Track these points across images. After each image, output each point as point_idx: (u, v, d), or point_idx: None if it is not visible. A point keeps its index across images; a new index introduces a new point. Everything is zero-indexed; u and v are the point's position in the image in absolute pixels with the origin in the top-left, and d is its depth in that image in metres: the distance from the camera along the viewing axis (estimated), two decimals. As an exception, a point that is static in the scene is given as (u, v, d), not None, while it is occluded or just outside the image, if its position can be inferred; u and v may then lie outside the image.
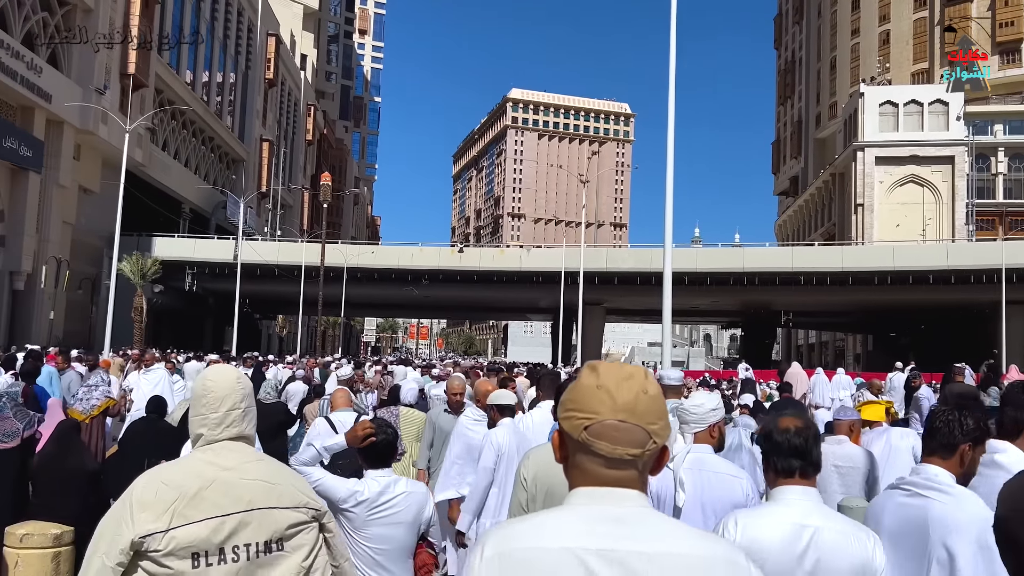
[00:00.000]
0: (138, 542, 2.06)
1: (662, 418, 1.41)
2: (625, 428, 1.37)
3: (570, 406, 1.42)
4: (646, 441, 1.38)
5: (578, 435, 1.39)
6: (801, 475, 2.34)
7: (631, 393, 1.38)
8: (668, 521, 1.40)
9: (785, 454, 2.35)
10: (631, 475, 1.38)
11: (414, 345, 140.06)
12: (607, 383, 1.39)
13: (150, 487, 2.14)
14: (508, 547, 1.35)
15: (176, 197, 54.99)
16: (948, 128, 65.09)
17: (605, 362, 1.49)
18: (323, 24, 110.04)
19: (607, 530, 1.32)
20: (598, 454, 1.38)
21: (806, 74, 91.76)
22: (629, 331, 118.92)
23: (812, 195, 79.56)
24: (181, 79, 54.62)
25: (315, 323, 65.72)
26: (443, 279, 50.87)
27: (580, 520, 1.35)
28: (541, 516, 1.41)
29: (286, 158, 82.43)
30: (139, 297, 41.79)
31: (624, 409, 1.37)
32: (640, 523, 1.34)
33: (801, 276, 43.06)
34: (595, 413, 1.38)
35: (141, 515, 2.07)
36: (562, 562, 1.30)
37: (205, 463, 2.19)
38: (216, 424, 2.24)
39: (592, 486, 1.39)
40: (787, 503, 2.29)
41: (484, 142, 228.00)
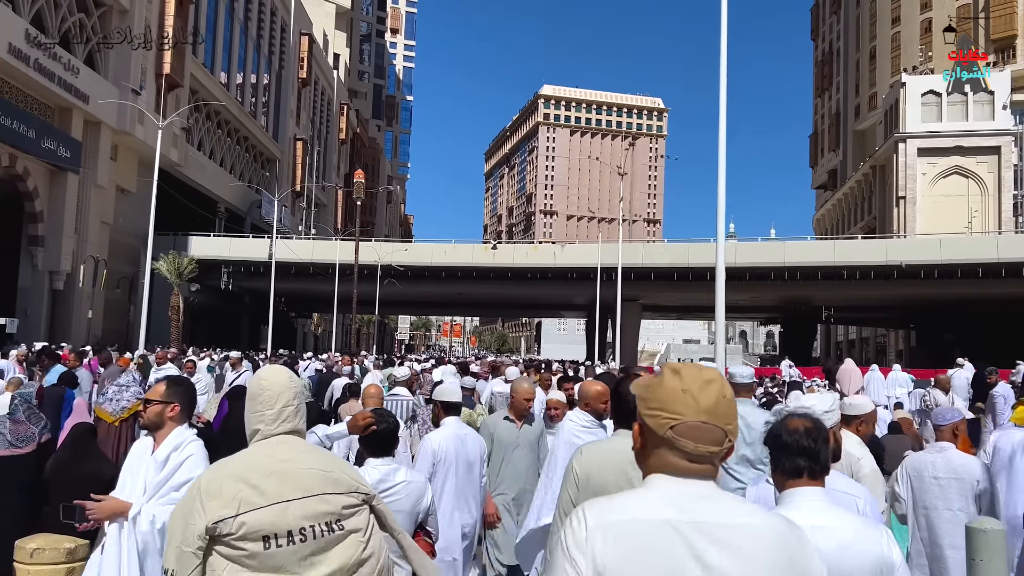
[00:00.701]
0: (212, 527, 2.25)
1: (736, 419, 1.64)
2: (707, 428, 1.59)
3: (655, 405, 1.63)
4: (723, 440, 1.61)
5: (663, 432, 1.61)
6: (809, 476, 2.31)
7: (712, 397, 1.60)
8: (741, 500, 1.65)
9: (793, 454, 2.32)
10: (708, 468, 1.61)
11: (447, 343, 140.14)
12: (691, 387, 1.61)
13: (216, 479, 2.34)
14: (611, 519, 1.55)
15: (212, 196, 55.40)
16: (994, 117, 63.12)
17: (686, 366, 1.66)
18: (355, 23, 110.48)
19: (693, 506, 1.55)
20: (683, 450, 1.59)
21: (844, 65, 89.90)
22: (663, 328, 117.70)
23: (851, 188, 77.84)
24: (216, 79, 54.96)
25: (350, 321, 65.87)
26: (476, 276, 50.52)
27: (668, 498, 1.57)
28: (632, 494, 1.62)
29: (319, 157, 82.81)
30: (176, 296, 42.09)
31: (706, 411, 1.59)
32: (719, 500, 1.58)
33: (844, 270, 41.84)
34: (680, 415, 1.60)
35: (211, 503, 2.27)
36: (662, 531, 1.52)
37: (263, 456, 2.39)
38: (272, 420, 2.45)
39: (673, 475, 1.60)
40: (795, 505, 2.25)
41: (516, 139, 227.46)
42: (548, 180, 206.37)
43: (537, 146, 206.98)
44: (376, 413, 3.60)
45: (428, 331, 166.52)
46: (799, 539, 1.60)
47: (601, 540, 1.53)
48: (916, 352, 62.98)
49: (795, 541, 1.59)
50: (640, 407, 1.68)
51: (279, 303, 53.32)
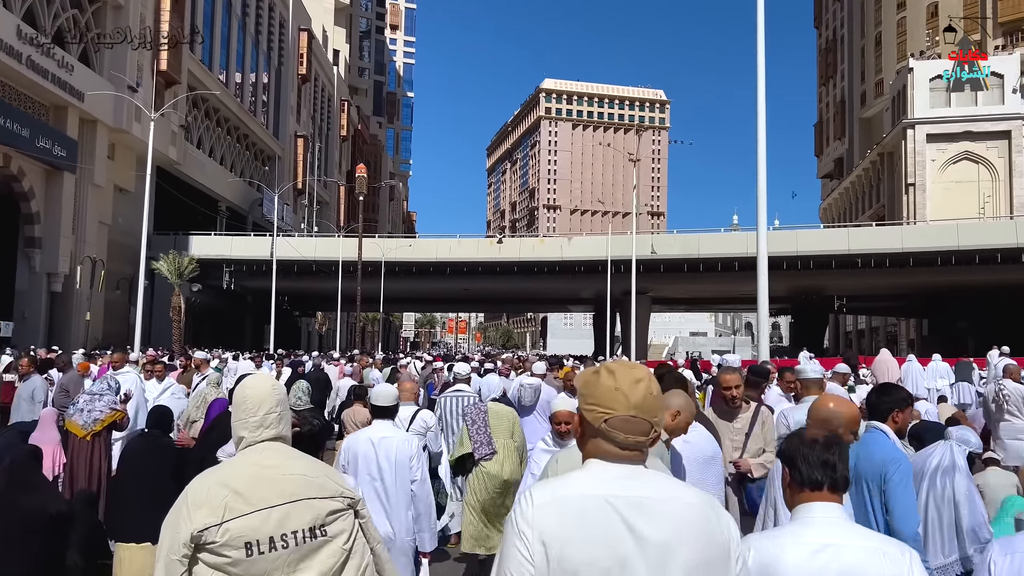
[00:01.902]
0: (197, 535, 2.27)
1: (661, 411, 1.88)
2: (635, 421, 1.83)
3: (592, 401, 1.86)
4: (650, 430, 1.85)
5: (599, 425, 1.84)
6: (831, 490, 2.21)
7: (640, 394, 1.84)
8: (668, 478, 1.89)
9: (813, 468, 2.23)
10: (637, 454, 1.85)
11: (453, 339, 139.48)
12: (623, 386, 1.84)
13: (202, 487, 2.36)
14: (554, 495, 1.77)
15: (212, 195, 54.69)
16: (1004, 101, 62.16)
17: (620, 366, 1.89)
18: (355, 19, 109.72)
19: (626, 483, 1.79)
20: (614, 440, 1.83)
21: (849, 52, 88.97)
22: (670, 321, 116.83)
23: (859, 176, 76.91)
24: (214, 76, 54.21)
25: (354, 319, 65.17)
26: (482, 271, 49.76)
27: (603, 477, 1.80)
28: (572, 475, 1.85)
29: (321, 154, 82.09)
30: (177, 296, 41.38)
31: (635, 407, 1.83)
32: (648, 479, 1.82)
33: (858, 258, 40.95)
34: (613, 410, 1.83)
35: (197, 512, 2.29)
36: (598, 505, 1.74)
37: (249, 463, 2.42)
38: (256, 427, 2.48)
39: (607, 460, 1.84)
40: (808, 521, 2.17)
41: (518, 134, 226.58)
42: (551, 174, 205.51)
43: (539, 140, 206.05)
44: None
45: (433, 328, 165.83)
46: (717, 513, 1.82)
47: (544, 515, 1.74)
48: (928, 341, 62.05)
49: (714, 514, 1.81)
50: (580, 402, 1.92)
51: (282, 302, 52.61)
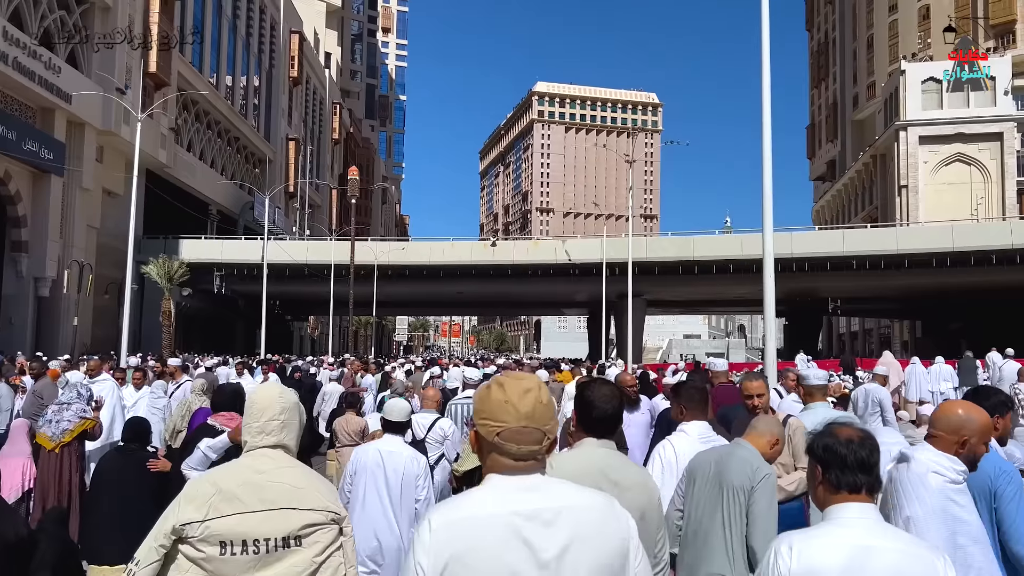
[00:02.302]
0: (179, 528, 2.38)
1: (553, 418, 1.89)
2: (527, 432, 1.84)
3: (484, 415, 1.87)
4: (542, 439, 1.86)
5: (492, 438, 1.85)
6: (868, 492, 2.17)
7: (530, 405, 1.85)
8: (564, 484, 1.87)
9: (852, 469, 2.17)
10: (532, 463, 1.85)
11: (446, 343, 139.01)
12: (512, 398, 1.85)
13: (198, 484, 2.48)
14: (450, 518, 1.76)
15: (203, 199, 54.23)
16: (995, 103, 62.29)
17: (509, 378, 1.92)
18: (346, 22, 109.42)
19: (521, 496, 1.78)
20: (508, 452, 1.83)
21: (841, 55, 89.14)
22: (664, 323, 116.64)
23: (851, 178, 77.00)
24: (204, 78, 53.77)
25: (347, 323, 64.73)
26: (476, 274, 49.44)
27: (500, 493, 1.80)
28: (470, 493, 1.85)
29: (313, 157, 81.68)
30: (167, 301, 40.93)
31: (526, 417, 1.84)
32: (543, 488, 1.82)
33: (853, 260, 40.82)
34: (504, 422, 1.84)
35: (186, 507, 2.40)
36: (492, 523, 1.74)
37: (243, 467, 2.51)
38: (257, 432, 2.56)
39: (504, 472, 1.84)
40: (844, 523, 2.12)
41: (510, 137, 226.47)
42: (544, 177, 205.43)
43: (532, 143, 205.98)
44: None
45: (426, 332, 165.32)
46: (615, 514, 1.85)
47: (440, 539, 1.74)
48: (921, 343, 62.05)
49: (612, 515, 1.84)
50: (474, 417, 1.92)
51: (274, 306, 52.15)
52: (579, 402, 2.95)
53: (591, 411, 2.87)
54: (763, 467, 3.22)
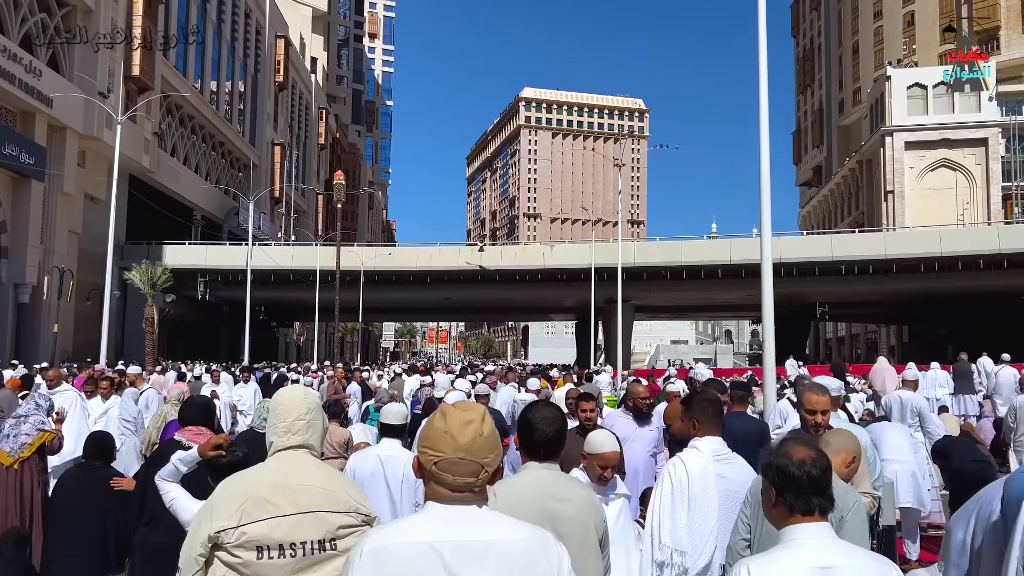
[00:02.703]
0: (214, 536, 2.38)
1: (493, 451, 1.90)
2: (464, 463, 1.85)
3: (425, 444, 1.90)
4: (480, 471, 1.87)
5: (430, 467, 1.88)
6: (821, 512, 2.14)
7: (469, 436, 1.86)
8: (500, 517, 1.88)
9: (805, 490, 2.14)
10: (468, 495, 1.87)
11: (434, 349, 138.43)
12: (452, 429, 1.87)
13: (226, 490, 2.47)
14: (380, 544, 1.81)
15: (187, 204, 53.65)
16: (980, 109, 62.65)
17: (453, 408, 1.93)
18: (333, 27, 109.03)
19: (452, 527, 1.81)
20: (444, 482, 1.86)
21: (826, 61, 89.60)
22: (651, 329, 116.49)
23: (838, 184, 77.29)
24: (188, 82, 53.24)
25: (333, 330, 64.23)
26: (463, 280, 49.11)
27: (433, 521, 1.83)
28: (405, 520, 1.91)
29: (299, 163, 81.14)
30: (150, 307, 40.33)
31: (463, 449, 1.85)
32: (477, 520, 1.84)
33: (842, 265, 40.80)
34: (442, 452, 1.86)
35: (218, 514, 2.40)
36: (421, 552, 1.77)
37: (271, 470, 2.51)
38: (284, 432, 2.58)
39: (441, 502, 1.87)
40: (800, 544, 2.10)
41: (498, 143, 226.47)
42: (531, 183, 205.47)
43: (519, 149, 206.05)
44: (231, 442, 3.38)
45: (413, 338, 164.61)
46: (546, 549, 1.85)
47: (368, 564, 1.78)
48: (908, 348, 62.22)
49: (542, 551, 1.85)
50: (417, 444, 1.94)
51: (259, 312, 51.60)
52: (521, 425, 2.94)
53: (532, 434, 2.87)
54: (849, 492, 3.01)
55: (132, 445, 7.41)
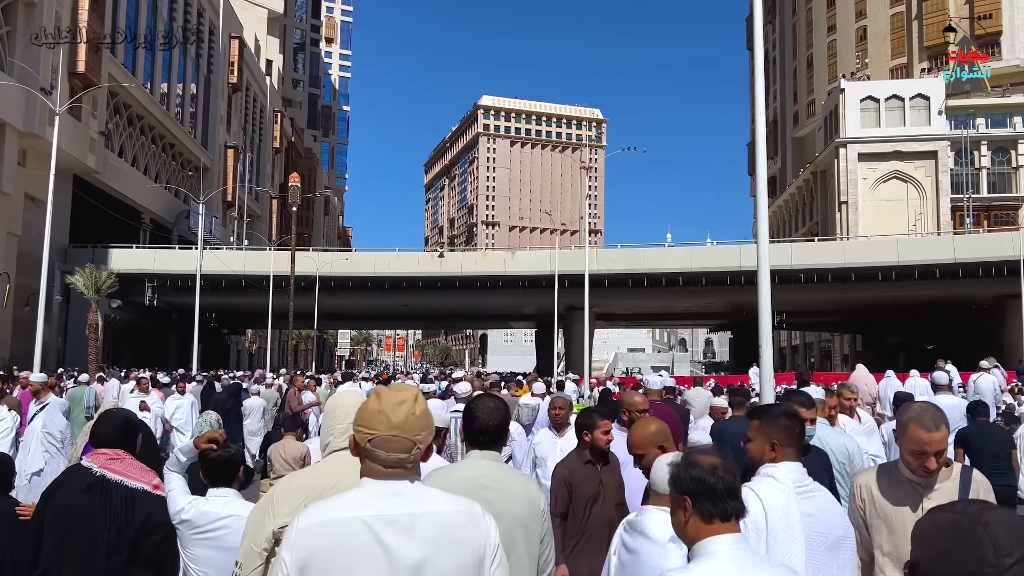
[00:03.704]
0: (277, 532, 2.41)
1: (425, 428, 2.02)
2: (396, 440, 1.97)
3: (360, 423, 2.02)
4: (412, 448, 1.99)
5: (364, 445, 1.99)
6: (736, 518, 2.10)
7: (402, 415, 1.98)
8: (430, 491, 1.99)
9: (722, 497, 2.08)
10: (401, 471, 1.98)
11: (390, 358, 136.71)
12: (385, 408, 1.99)
13: (287, 487, 2.53)
14: (315, 520, 1.90)
15: (135, 206, 51.82)
16: (930, 123, 64.13)
17: (387, 389, 2.06)
18: (289, 30, 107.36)
19: (384, 501, 1.91)
20: (378, 459, 1.98)
21: (781, 73, 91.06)
22: (609, 337, 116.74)
23: (792, 195, 78.37)
24: (138, 80, 51.50)
25: (287, 337, 62.65)
26: (422, 286, 48.21)
27: (365, 496, 1.93)
28: (340, 496, 1.97)
29: (252, 166, 79.32)
30: (94, 313, 38.63)
31: (397, 427, 1.97)
32: (408, 495, 1.94)
33: (801, 273, 40.98)
34: (376, 430, 1.98)
35: (280, 509, 2.45)
36: (353, 526, 1.86)
37: (329, 468, 2.56)
38: (340, 433, 2.60)
39: (375, 477, 1.97)
40: (719, 556, 2.02)
41: (456, 150, 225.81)
42: (489, 191, 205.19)
43: (478, 156, 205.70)
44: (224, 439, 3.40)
45: (369, 346, 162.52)
46: (474, 521, 1.95)
47: (302, 539, 1.87)
48: (862, 356, 63.05)
49: (471, 523, 1.94)
50: (353, 423, 2.05)
51: (209, 319, 49.99)
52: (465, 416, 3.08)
53: (473, 423, 3.01)
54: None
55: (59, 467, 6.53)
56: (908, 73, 71.48)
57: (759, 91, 8.68)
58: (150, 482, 2.82)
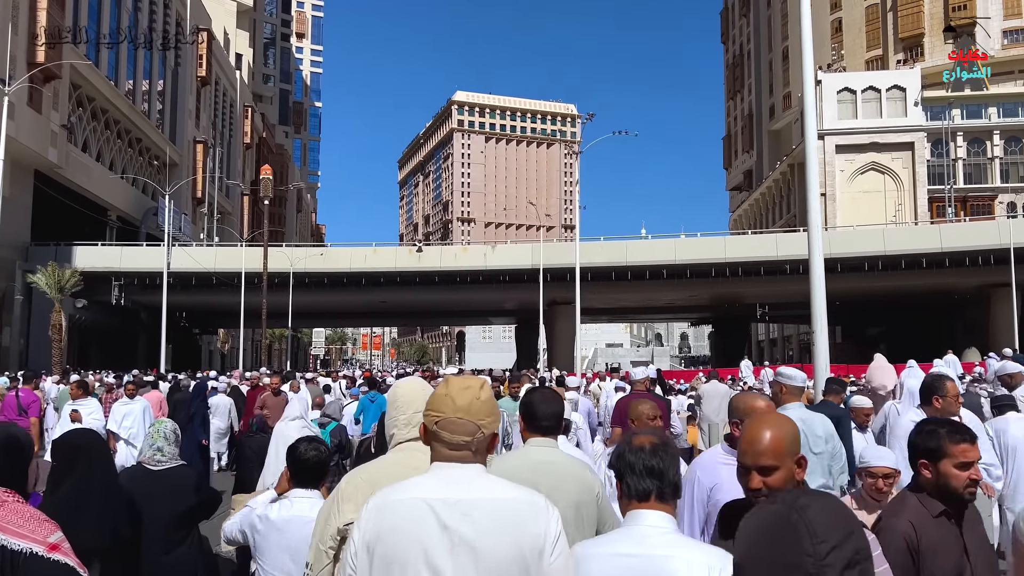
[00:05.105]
0: (343, 529, 2.42)
1: (490, 415, 2.10)
2: (461, 423, 2.06)
3: (429, 407, 2.12)
4: (476, 431, 2.06)
5: (432, 427, 2.09)
6: (658, 498, 2.17)
7: (467, 399, 2.08)
8: (495, 479, 2.06)
9: (639, 475, 2.19)
10: (466, 454, 2.06)
11: (366, 356, 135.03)
12: (452, 392, 2.10)
13: (351, 484, 2.52)
14: (384, 500, 2.01)
15: (100, 203, 49.99)
16: (906, 114, 64.21)
17: (456, 377, 2.17)
18: (258, 24, 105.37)
19: (448, 485, 1.99)
20: (443, 440, 2.07)
21: (756, 66, 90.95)
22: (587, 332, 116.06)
23: (769, 187, 78.14)
24: (102, 73, 49.66)
25: (260, 336, 61.10)
26: (400, 282, 46.99)
27: (431, 480, 2.03)
28: (410, 480, 2.07)
29: (222, 162, 77.42)
30: (57, 313, 37.02)
31: (462, 410, 2.06)
32: (473, 481, 2.02)
33: (787, 264, 40.32)
34: (442, 412, 2.08)
35: (345, 507, 2.45)
36: (417, 507, 1.96)
37: (395, 463, 2.54)
38: (404, 424, 2.61)
39: (441, 461, 2.07)
40: (638, 534, 2.11)
41: (430, 146, 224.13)
42: (464, 187, 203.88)
43: (452, 153, 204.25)
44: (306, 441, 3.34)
45: (344, 344, 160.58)
46: (536, 510, 1.99)
47: (370, 519, 1.99)
48: (841, 348, 62.87)
49: (532, 512, 1.99)
50: (424, 409, 2.16)
51: (179, 318, 48.42)
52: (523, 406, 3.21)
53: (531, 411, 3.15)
54: None
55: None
56: (884, 65, 71.55)
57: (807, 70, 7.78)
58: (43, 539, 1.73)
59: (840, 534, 1.50)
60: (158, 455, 3.78)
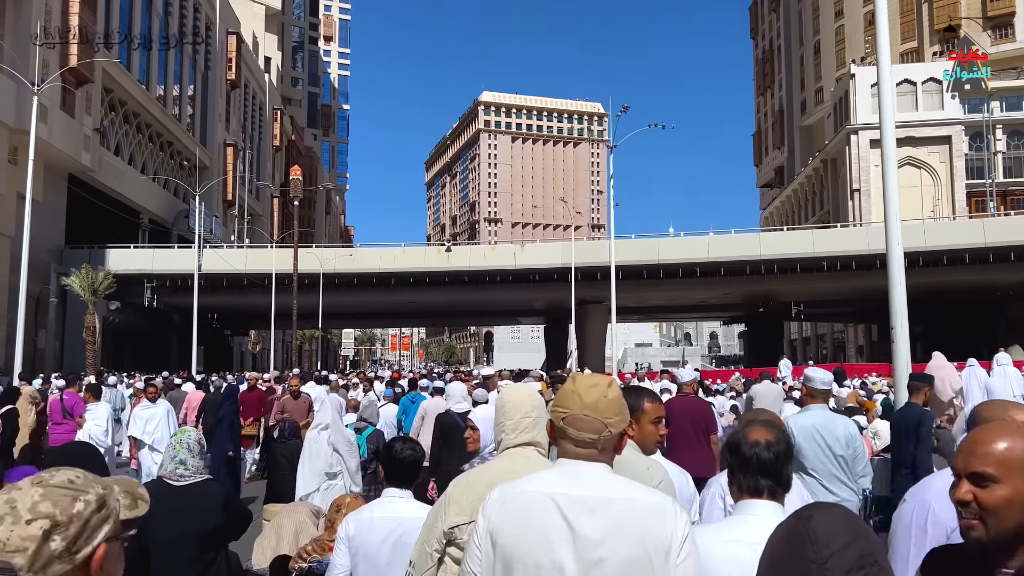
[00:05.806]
0: (448, 532, 2.44)
1: (618, 414, 2.06)
2: (587, 420, 2.02)
3: (556, 403, 2.10)
4: (602, 430, 2.03)
5: (559, 423, 2.06)
6: (769, 495, 2.19)
7: (594, 396, 2.05)
8: (621, 479, 2.03)
9: (753, 471, 2.20)
10: (593, 451, 2.03)
11: (395, 356, 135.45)
12: (579, 389, 2.08)
13: (459, 488, 2.52)
14: (509, 491, 2.03)
15: (133, 206, 50.50)
16: (943, 107, 62.68)
17: (583, 375, 2.16)
18: (287, 28, 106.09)
19: (572, 482, 1.98)
20: (570, 436, 2.04)
21: (787, 62, 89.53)
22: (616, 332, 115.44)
23: (801, 184, 76.81)
24: (133, 77, 50.11)
25: (290, 337, 61.38)
26: (429, 282, 46.79)
27: (556, 476, 2.02)
28: (535, 474, 2.09)
29: (252, 164, 77.95)
30: (91, 315, 37.33)
31: (588, 407, 2.03)
32: (596, 479, 1.99)
33: (824, 261, 39.45)
34: (568, 409, 2.05)
35: (452, 508, 2.45)
36: (542, 501, 1.96)
37: (501, 469, 2.51)
38: (511, 430, 2.60)
39: (567, 458, 2.05)
40: (743, 521, 2.20)
41: (457, 147, 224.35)
42: (491, 187, 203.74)
43: (479, 153, 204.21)
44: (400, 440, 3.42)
45: (373, 345, 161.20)
46: (663, 512, 1.94)
47: (495, 507, 2.01)
48: (877, 347, 61.62)
49: (658, 513, 1.93)
50: (551, 406, 2.15)
51: (211, 320, 48.69)
52: None
53: None
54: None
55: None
56: (919, 57, 70.00)
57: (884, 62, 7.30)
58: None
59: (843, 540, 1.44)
60: (180, 468, 3.48)
